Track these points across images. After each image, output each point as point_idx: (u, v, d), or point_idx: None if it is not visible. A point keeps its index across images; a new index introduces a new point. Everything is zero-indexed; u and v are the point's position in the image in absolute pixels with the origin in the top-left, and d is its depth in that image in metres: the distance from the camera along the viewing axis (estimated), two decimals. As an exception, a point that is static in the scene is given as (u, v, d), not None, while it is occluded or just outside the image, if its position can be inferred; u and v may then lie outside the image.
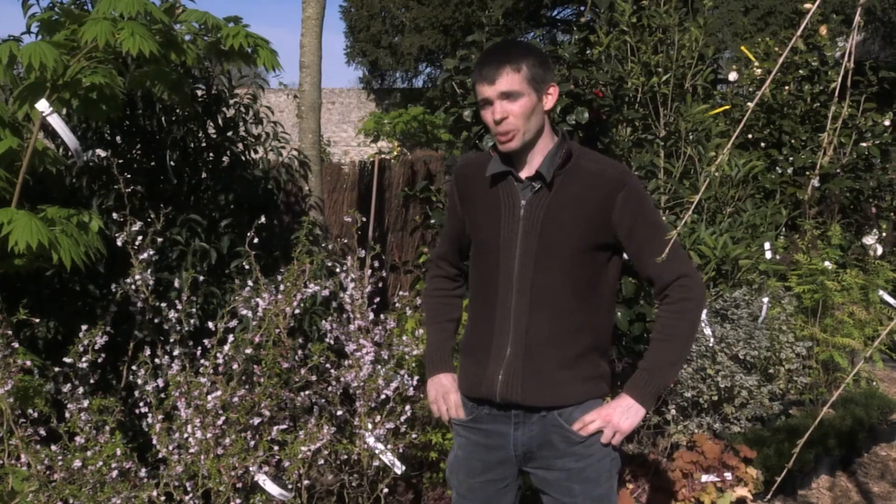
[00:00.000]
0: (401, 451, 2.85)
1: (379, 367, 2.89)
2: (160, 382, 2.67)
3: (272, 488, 2.48)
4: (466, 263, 2.12)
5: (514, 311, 1.90)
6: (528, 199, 1.90)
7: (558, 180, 1.89)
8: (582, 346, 1.91)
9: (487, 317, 1.95)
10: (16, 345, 2.50)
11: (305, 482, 2.71)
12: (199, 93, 3.58)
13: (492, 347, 1.93)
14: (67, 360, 2.60)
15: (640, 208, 1.88)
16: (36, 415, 2.50)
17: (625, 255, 1.98)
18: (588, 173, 1.89)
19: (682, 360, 1.96)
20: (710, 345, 3.97)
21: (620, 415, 1.88)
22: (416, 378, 2.92)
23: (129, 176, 3.03)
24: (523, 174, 1.93)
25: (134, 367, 2.71)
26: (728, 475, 3.42)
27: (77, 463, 2.41)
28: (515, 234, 1.90)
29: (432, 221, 4.20)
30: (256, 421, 2.62)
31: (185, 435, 2.54)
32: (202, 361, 2.66)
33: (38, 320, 2.86)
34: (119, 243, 2.81)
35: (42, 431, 2.52)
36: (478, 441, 2.01)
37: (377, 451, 2.75)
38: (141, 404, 2.67)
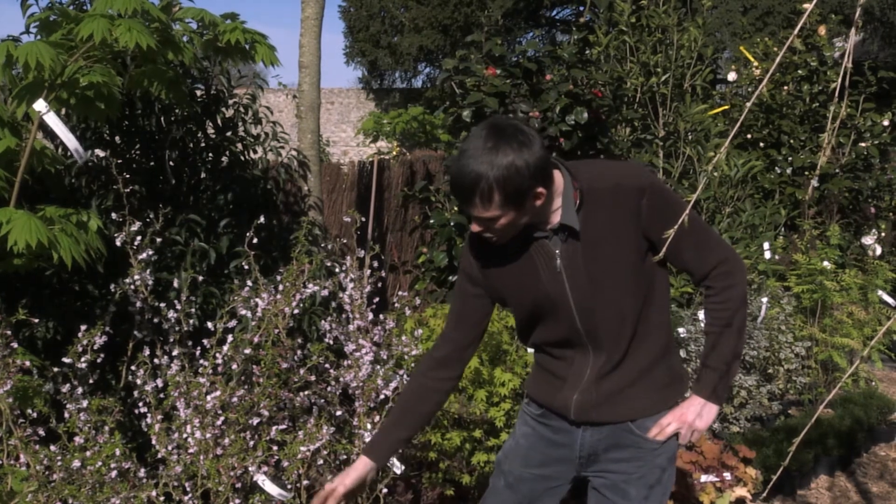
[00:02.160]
0: (400, 451, 2.84)
1: (378, 367, 2.89)
2: (159, 382, 2.66)
3: (271, 488, 2.48)
4: (479, 335, 2.04)
5: (592, 349, 1.88)
6: (561, 249, 1.83)
7: (581, 219, 1.82)
8: (653, 356, 1.89)
9: (558, 359, 1.95)
10: (15, 345, 2.50)
11: (305, 482, 2.70)
12: (198, 93, 3.58)
13: (569, 376, 1.93)
14: (66, 360, 2.59)
15: (666, 206, 1.80)
16: (35, 415, 2.50)
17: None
18: (606, 195, 1.81)
19: (742, 346, 1.94)
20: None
21: (694, 414, 1.86)
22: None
23: (128, 176, 3.03)
24: (548, 227, 1.84)
25: (133, 368, 2.71)
26: (727, 475, 3.42)
27: (76, 463, 2.41)
28: (562, 285, 1.84)
29: (431, 221, 4.20)
30: (255, 421, 2.62)
31: (185, 435, 2.54)
32: (201, 361, 2.66)
33: (37, 320, 2.86)
34: (118, 243, 2.81)
35: (41, 431, 2.51)
36: (543, 434, 2.01)
37: (376, 451, 2.75)
38: (140, 404, 2.67)
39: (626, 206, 1.80)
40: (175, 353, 2.73)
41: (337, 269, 3.05)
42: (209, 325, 2.73)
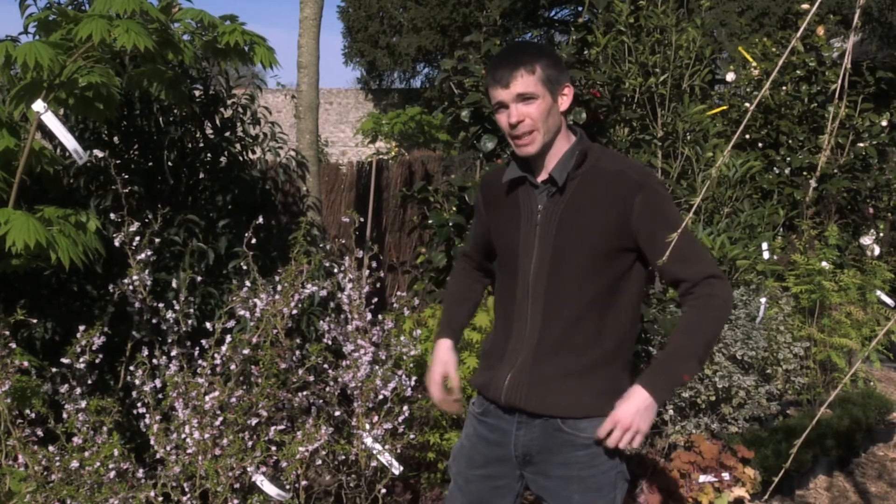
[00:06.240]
0: (398, 451, 2.85)
1: (377, 367, 2.89)
2: (158, 383, 2.66)
3: (270, 489, 2.48)
4: (491, 263, 2.14)
5: (530, 318, 1.87)
6: (545, 204, 1.87)
7: (573, 183, 1.85)
8: (597, 357, 1.85)
9: (505, 322, 1.94)
10: (13, 345, 2.50)
11: (303, 482, 2.70)
12: (197, 93, 3.58)
13: (506, 352, 1.92)
14: (65, 360, 2.59)
15: (661, 211, 1.80)
16: (33, 415, 2.50)
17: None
18: (606, 175, 1.84)
19: (703, 355, 1.84)
20: (708, 345, 3.97)
21: (634, 416, 1.75)
22: (413, 378, 2.92)
23: (126, 176, 3.03)
24: (540, 178, 1.90)
25: (132, 368, 2.71)
26: (726, 475, 3.42)
27: (74, 463, 2.40)
28: (533, 240, 1.87)
29: (430, 222, 4.20)
30: (254, 421, 2.62)
31: (183, 435, 2.54)
32: (200, 362, 2.66)
33: (35, 321, 2.86)
34: (117, 244, 2.81)
35: (39, 432, 2.51)
36: (482, 434, 2.00)
37: (375, 452, 2.75)
38: (139, 405, 2.67)
39: (618, 195, 1.82)
40: (173, 353, 2.73)
41: (335, 270, 3.05)
42: (208, 325, 2.73)
